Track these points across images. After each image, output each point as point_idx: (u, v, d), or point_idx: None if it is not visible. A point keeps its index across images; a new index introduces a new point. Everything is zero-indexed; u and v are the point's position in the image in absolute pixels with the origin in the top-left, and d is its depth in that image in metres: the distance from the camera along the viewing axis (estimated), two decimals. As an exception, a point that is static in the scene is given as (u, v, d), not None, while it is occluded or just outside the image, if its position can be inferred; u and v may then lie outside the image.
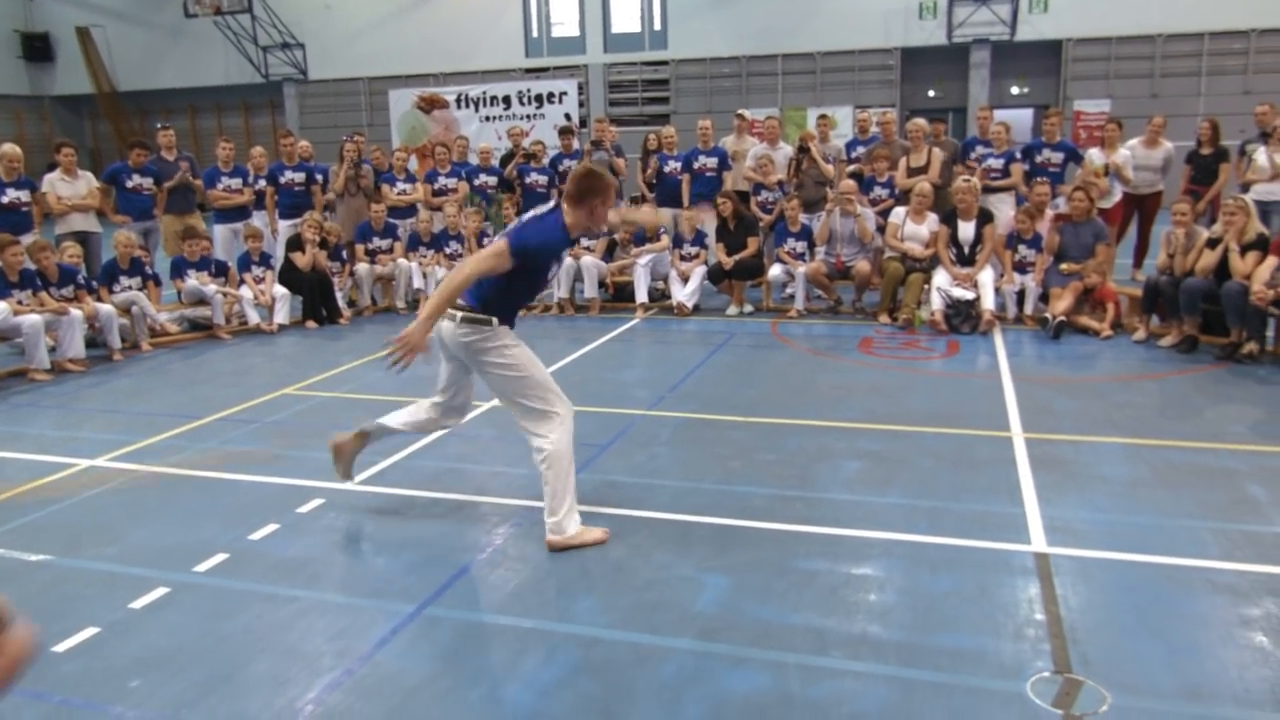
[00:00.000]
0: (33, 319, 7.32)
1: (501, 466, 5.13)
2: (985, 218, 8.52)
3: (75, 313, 7.62)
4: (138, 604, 3.60)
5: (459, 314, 3.88)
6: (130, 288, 8.42)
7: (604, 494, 4.58)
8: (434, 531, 4.25)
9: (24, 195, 8.56)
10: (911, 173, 9.28)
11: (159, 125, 10.58)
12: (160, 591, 3.69)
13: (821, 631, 3.25)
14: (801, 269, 8.99)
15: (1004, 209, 9.11)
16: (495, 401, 6.21)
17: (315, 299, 9.35)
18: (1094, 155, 9.65)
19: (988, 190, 9.09)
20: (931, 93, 20.41)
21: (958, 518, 4.21)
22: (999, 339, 7.89)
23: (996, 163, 9.33)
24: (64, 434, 5.95)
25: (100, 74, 25.54)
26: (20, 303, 7.42)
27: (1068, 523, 4.13)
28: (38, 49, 25.90)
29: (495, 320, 3.89)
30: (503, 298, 3.89)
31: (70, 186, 8.97)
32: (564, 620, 3.39)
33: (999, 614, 3.35)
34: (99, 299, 8.05)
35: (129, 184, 9.52)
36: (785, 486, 4.64)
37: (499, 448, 5.44)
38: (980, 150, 9.58)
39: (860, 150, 10.20)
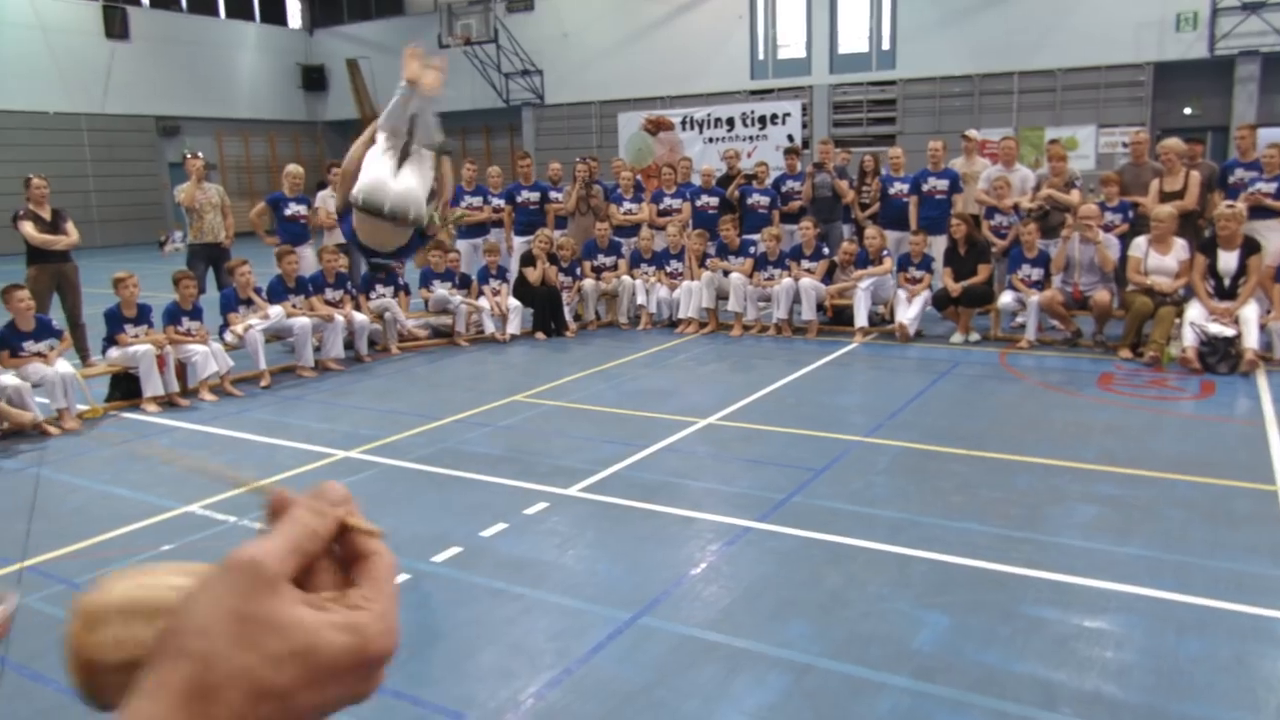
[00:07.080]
0: (303, 321, 8.18)
1: (716, 484, 5.20)
2: (1251, 247, 7.73)
3: (338, 319, 8.44)
4: (384, 587, 3.94)
5: None
6: (384, 296, 9.22)
7: (817, 519, 4.54)
8: (651, 543, 4.38)
9: (303, 209, 9.61)
10: (1166, 197, 8.57)
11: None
12: (402, 577, 4.03)
13: (1049, 684, 3.08)
14: (1035, 297, 8.52)
15: (1273, 238, 8.22)
16: (712, 419, 6.33)
17: (545, 312, 9.84)
18: (1390, 180, 8.52)
19: (1254, 216, 8.25)
20: (1188, 110, 18.72)
21: (1211, 576, 3.85)
22: (1263, 382, 7.12)
23: (1268, 187, 8.45)
24: (324, 426, 6.61)
25: (365, 100, 28.17)
26: (294, 306, 8.32)
27: (1346, 593, 3.69)
28: (314, 79, 29.04)
29: None
30: None
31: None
32: (776, 644, 3.40)
33: (1259, 688, 3.04)
34: (358, 305, 8.89)
35: (386, 201, 10.40)
36: (1012, 527, 4.42)
37: (715, 466, 5.52)
38: (1243, 173, 8.67)
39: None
